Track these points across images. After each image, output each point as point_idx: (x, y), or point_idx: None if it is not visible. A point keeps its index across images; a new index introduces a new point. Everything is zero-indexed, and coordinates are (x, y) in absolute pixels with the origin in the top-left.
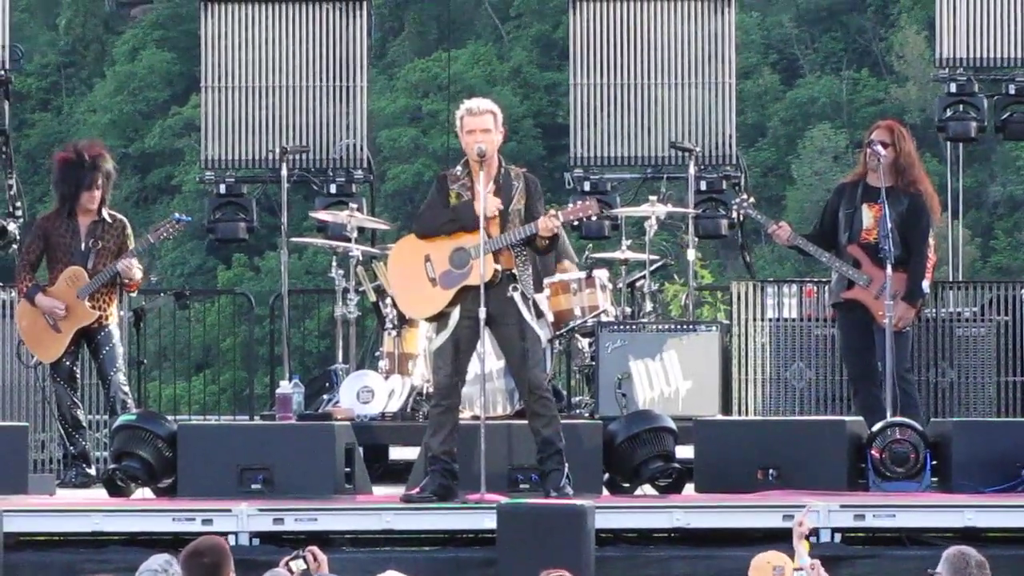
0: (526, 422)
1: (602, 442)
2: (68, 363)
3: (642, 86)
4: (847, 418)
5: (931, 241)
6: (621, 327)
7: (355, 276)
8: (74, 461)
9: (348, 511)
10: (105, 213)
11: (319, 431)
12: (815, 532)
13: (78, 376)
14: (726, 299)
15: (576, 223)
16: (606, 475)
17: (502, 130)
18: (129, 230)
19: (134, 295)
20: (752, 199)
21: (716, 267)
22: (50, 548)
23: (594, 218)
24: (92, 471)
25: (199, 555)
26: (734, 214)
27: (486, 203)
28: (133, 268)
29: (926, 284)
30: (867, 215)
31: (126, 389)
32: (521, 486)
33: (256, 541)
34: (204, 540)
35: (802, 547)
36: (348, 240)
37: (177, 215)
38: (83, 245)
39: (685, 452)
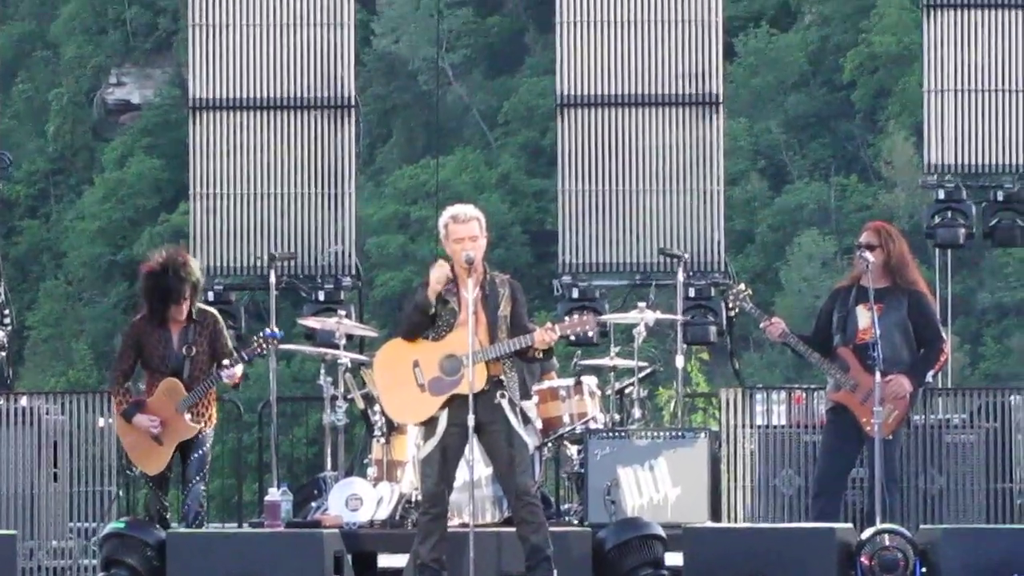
0: (515, 529)
1: (591, 549)
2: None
3: (630, 192)
4: (836, 525)
5: (946, 338)
6: (610, 434)
7: (343, 383)
8: None
9: None
10: (194, 313)
11: (308, 539)
12: None
13: (170, 478)
14: (715, 405)
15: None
16: None
17: (487, 235)
18: (221, 323)
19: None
20: (749, 291)
21: (706, 373)
22: None
23: (591, 333)
24: None
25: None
26: (729, 304)
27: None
28: (236, 376)
29: (931, 375)
30: (862, 316)
31: (203, 501)
32: None
33: None
34: None
35: None
36: (336, 347)
37: (269, 331)
38: (176, 354)
39: (674, 559)
